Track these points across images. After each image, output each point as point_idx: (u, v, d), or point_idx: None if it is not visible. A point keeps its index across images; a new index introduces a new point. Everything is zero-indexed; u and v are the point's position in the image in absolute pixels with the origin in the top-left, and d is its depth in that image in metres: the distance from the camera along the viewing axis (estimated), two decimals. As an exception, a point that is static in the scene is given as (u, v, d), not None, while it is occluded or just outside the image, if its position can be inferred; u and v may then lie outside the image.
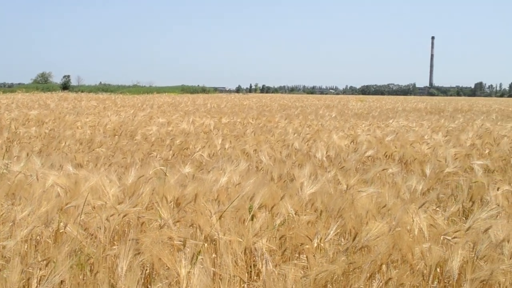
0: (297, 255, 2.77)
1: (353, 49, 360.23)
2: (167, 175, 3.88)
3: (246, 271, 2.58)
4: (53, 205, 2.89)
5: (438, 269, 2.54)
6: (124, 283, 2.09)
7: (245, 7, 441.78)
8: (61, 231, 2.85)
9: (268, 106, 25.45)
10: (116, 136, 8.86)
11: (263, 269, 2.53)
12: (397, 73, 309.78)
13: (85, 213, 2.93)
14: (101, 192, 3.11)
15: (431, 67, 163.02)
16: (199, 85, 79.48)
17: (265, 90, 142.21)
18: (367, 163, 6.11)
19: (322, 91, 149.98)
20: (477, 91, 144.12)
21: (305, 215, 3.09)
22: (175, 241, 2.51)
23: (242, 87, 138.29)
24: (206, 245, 2.72)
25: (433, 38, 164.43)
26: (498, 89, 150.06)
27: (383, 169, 4.66)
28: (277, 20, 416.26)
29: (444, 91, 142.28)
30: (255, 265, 2.63)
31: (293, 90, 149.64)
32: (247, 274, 2.59)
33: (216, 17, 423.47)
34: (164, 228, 2.75)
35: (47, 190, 3.23)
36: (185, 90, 69.81)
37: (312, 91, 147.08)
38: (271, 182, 4.14)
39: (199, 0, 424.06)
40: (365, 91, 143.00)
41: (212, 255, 2.69)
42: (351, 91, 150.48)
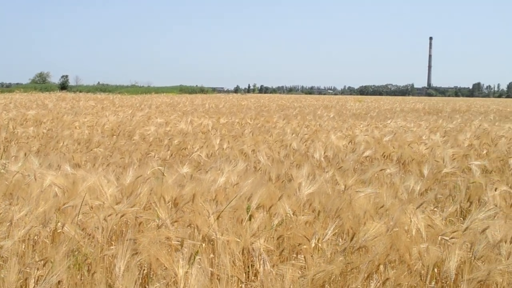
0: (295, 255, 2.77)
1: (351, 50, 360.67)
2: (165, 175, 3.88)
3: (244, 271, 2.58)
4: (51, 205, 2.89)
5: (435, 270, 2.54)
6: (121, 283, 2.09)
7: (244, 8, 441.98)
8: (58, 231, 2.85)
9: (266, 106, 25.44)
10: (114, 136, 8.85)
11: (260, 269, 2.53)
12: (395, 73, 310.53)
13: (83, 213, 2.93)
14: (99, 192, 3.10)
15: (429, 67, 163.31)
16: (197, 85, 79.59)
17: (263, 90, 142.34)
18: (365, 163, 6.12)
19: (320, 92, 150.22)
20: (475, 91, 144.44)
21: (303, 215, 3.09)
22: (172, 241, 2.51)
23: (240, 87, 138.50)
24: (204, 245, 2.72)
25: (431, 38, 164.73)
26: (496, 89, 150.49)
27: (381, 170, 4.66)
28: (276, 20, 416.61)
29: (442, 92, 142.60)
30: (253, 265, 2.63)
31: (291, 90, 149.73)
32: (244, 274, 2.59)
33: (215, 17, 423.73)
34: (162, 228, 2.74)
35: (44, 190, 3.23)
36: (183, 90, 69.82)
37: (310, 91, 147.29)
38: (269, 182, 4.14)
39: (198, 0, 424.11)
40: (363, 91, 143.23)
41: (210, 255, 2.69)
42: (349, 91, 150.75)
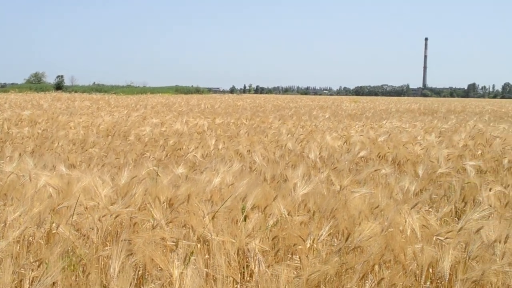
0: (290, 255, 2.77)
1: (347, 50, 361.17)
2: (160, 175, 3.88)
3: (239, 271, 2.58)
4: (46, 205, 2.88)
5: (430, 270, 2.54)
6: (116, 284, 2.08)
7: (240, 8, 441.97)
8: (53, 231, 2.84)
9: (262, 106, 25.44)
10: (109, 136, 8.83)
11: (256, 270, 2.53)
12: (391, 74, 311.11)
13: (78, 213, 2.93)
14: (94, 192, 3.10)
15: (425, 68, 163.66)
16: (193, 86, 79.53)
17: (259, 90, 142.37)
18: (360, 163, 6.12)
19: (316, 92, 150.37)
20: (470, 92, 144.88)
21: (298, 215, 3.09)
22: (167, 241, 2.51)
23: (236, 87, 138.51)
24: (199, 245, 2.72)
25: (426, 39, 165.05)
26: (491, 90, 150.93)
27: (376, 170, 4.67)
28: (272, 21, 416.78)
29: (437, 92, 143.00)
30: (248, 265, 2.63)
31: (287, 91, 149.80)
32: (240, 274, 2.59)
33: (211, 17, 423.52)
34: (156, 228, 2.74)
35: (39, 190, 3.22)
36: (179, 90, 69.79)
37: (306, 92, 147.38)
38: (264, 182, 4.14)
39: (194, 1, 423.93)
40: (359, 92, 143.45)
41: (205, 255, 2.69)
42: (345, 92, 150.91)
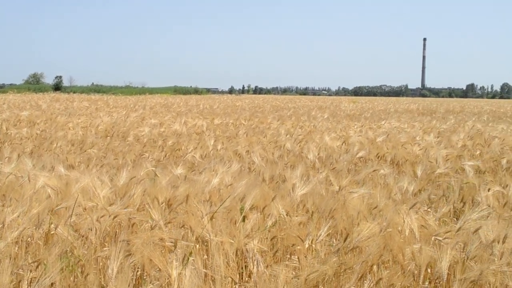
0: (288, 256, 2.77)
1: (346, 51, 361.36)
2: (159, 176, 3.88)
3: (237, 272, 2.58)
4: (44, 206, 2.88)
5: (429, 270, 2.55)
6: (114, 284, 2.08)
7: (239, 9, 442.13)
8: (52, 232, 2.84)
9: (260, 107, 25.44)
10: (108, 137, 8.83)
11: (254, 270, 2.54)
12: (390, 74, 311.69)
13: (76, 214, 2.92)
14: (92, 193, 3.10)
15: (423, 68, 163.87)
16: (191, 86, 79.46)
17: (258, 91, 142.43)
18: (359, 164, 6.12)
19: (314, 92, 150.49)
20: (469, 92, 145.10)
21: (296, 216, 3.09)
22: (166, 242, 2.51)
23: (235, 88, 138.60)
24: (197, 246, 2.72)
25: (425, 39, 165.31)
26: (489, 90, 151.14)
27: (374, 170, 4.67)
28: (271, 21, 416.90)
29: (436, 93, 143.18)
30: (247, 266, 2.63)
31: (286, 91, 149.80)
32: (238, 275, 2.59)
33: (210, 18, 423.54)
34: (155, 229, 2.74)
35: (38, 191, 3.21)
36: (178, 91, 69.77)
37: (305, 92, 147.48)
38: (263, 183, 4.14)
39: (193, 1, 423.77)
40: (358, 92, 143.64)
41: (203, 256, 2.69)
42: (344, 92, 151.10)
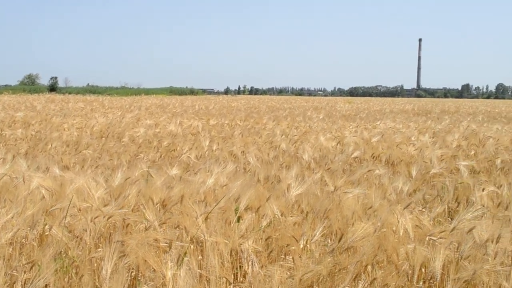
0: (283, 256, 2.77)
1: (341, 51, 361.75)
2: (154, 176, 3.87)
3: (232, 272, 2.58)
4: (39, 207, 2.87)
5: (423, 270, 2.55)
6: (109, 285, 2.08)
7: (234, 9, 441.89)
8: (46, 233, 2.84)
9: (256, 108, 25.44)
10: (103, 138, 8.81)
11: (249, 270, 2.53)
12: (385, 75, 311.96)
13: (71, 215, 2.92)
14: (87, 194, 3.09)
15: (419, 69, 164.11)
16: (187, 87, 79.35)
17: (253, 92, 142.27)
18: (354, 164, 6.14)
19: (310, 93, 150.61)
20: (464, 92, 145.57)
21: (291, 216, 3.10)
22: (161, 243, 2.51)
23: (230, 88, 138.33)
24: (192, 246, 2.72)
25: (420, 40, 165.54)
26: (484, 90, 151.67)
27: (369, 170, 4.68)
28: (266, 21, 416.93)
29: (431, 93, 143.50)
30: (241, 266, 2.63)
31: (281, 92, 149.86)
32: (233, 275, 2.59)
33: (205, 18, 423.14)
34: (150, 230, 2.74)
35: (32, 192, 3.21)
36: (174, 91, 69.66)
37: (300, 93, 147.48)
38: (258, 183, 4.14)
39: (188, 2, 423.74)
40: (353, 92, 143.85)
41: (198, 256, 2.69)
42: (339, 92, 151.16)
